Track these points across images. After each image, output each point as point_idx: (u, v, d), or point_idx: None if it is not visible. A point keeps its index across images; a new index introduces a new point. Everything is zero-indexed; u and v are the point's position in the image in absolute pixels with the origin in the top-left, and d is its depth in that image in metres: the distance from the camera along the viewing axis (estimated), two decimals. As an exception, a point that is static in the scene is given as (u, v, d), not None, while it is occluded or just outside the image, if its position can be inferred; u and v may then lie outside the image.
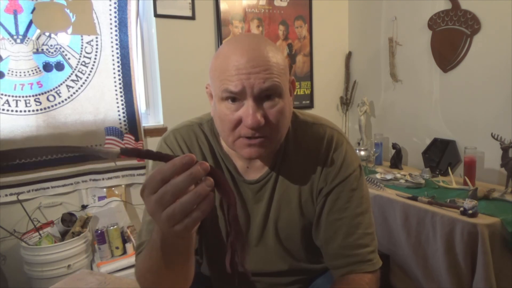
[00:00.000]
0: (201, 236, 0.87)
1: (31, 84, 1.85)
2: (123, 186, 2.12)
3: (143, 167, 2.16)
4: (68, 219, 1.84)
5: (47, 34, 1.87)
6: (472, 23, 1.97)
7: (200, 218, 0.49)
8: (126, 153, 0.50)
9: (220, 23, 2.30)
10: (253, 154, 0.73)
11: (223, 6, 2.30)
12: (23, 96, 1.84)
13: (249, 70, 0.68)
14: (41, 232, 1.77)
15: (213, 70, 0.74)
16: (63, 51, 1.91)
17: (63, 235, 1.80)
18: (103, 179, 2.06)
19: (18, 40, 1.81)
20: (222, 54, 0.73)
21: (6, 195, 1.83)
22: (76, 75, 1.95)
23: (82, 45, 1.95)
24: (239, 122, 0.71)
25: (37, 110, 1.87)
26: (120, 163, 2.09)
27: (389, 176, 2.03)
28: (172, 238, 0.55)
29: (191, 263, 0.68)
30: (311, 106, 2.73)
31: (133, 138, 2.11)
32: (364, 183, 0.85)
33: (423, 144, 2.30)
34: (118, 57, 2.04)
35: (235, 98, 0.70)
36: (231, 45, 0.73)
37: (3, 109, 1.80)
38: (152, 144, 2.18)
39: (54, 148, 0.48)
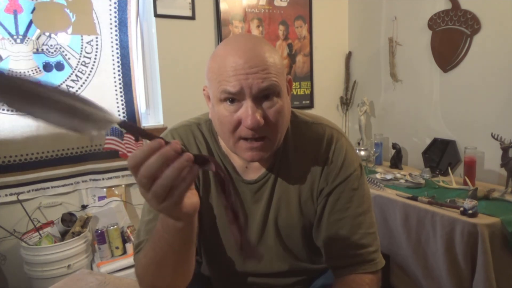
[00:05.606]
0: (201, 236, 0.86)
1: (31, 84, 1.85)
2: (123, 186, 2.12)
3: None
4: (68, 219, 1.84)
5: (47, 34, 1.87)
6: (472, 23, 1.97)
7: (185, 190, 0.50)
8: (125, 127, 0.50)
9: (220, 23, 2.30)
10: (255, 157, 0.73)
11: (223, 6, 2.30)
12: (23, 96, 1.84)
13: (247, 71, 0.68)
14: (41, 232, 1.77)
15: (210, 71, 0.73)
16: (63, 51, 1.91)
17: (63, 235, 1.80)
18: (103, 179, 2.06)
19: (18, 40, 1.81)
20: (219, 55, 0.72)
21: (6, 195, 1.83)
22: (76, 75, 1.95)
23: (82, 45, 1.95)
24: (238, 123, 0.71)
25: (37, 110, 1.87)
26: (120, 163, 2.09)
27: (389, 176, 2.03)
28: (173, 222, 0.56)
29: (192, 255, 0.68)
30: (311, 106, 2.73)
31: (133, 138, 2.10)
32: (365, 183, 0.85)
33: (423, 144, 2.30)
34: (118, 57, 2.04)
35: (234, 99, 0.70)
36: (227, 46, 0.73)
37: (3, 109, 1.80)
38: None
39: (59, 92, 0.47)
